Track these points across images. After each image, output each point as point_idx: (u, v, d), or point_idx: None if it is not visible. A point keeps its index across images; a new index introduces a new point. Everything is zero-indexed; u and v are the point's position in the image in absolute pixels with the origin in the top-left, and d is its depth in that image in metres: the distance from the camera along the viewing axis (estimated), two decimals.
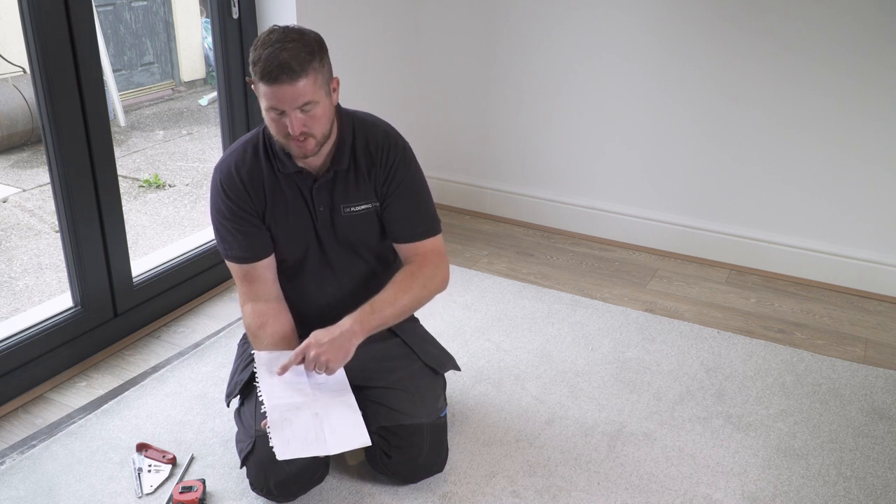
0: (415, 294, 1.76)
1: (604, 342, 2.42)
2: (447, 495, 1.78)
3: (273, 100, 1.58)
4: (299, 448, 1.58)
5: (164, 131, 5.34)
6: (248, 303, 1.81)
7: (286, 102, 1.57)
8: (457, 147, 3.42)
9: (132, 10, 5.93)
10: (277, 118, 1.61)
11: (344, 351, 1.67)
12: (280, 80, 1.55)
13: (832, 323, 2.58)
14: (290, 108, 1.58)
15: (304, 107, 1.59)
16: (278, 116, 1.60)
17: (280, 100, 1.57)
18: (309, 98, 1.59)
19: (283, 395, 1.64)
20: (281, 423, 1.59)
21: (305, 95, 1.58)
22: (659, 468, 1.87)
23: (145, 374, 2.24)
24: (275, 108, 1.59)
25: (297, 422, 1.61)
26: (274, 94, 1.57)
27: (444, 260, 1.85)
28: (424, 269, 1.79)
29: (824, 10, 2.56)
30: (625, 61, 2.94)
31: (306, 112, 1.60)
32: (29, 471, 1.84)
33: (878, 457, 1.93)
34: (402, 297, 1.75)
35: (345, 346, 1.67)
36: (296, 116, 1.59)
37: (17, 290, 3.10)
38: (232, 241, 1.77)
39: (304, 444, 1.59)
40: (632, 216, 3.13)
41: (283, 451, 1.56)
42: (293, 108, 1.58)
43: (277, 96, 1.57)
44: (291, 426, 1.60)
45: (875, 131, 2.61)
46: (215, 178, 1.78)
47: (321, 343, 1.66)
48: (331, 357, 1.65)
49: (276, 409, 1.61)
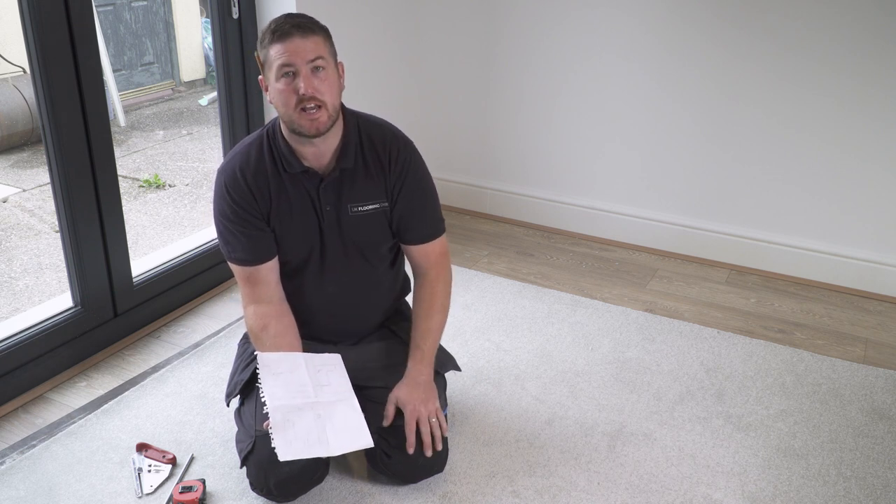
0: (442, 309, 1.88)
1: (604, 342, 2.42)
2: (447, 495, 1.78)
3: (285, 55, 1.59)
4: (301, 449, 1.58)
5: (164, 131, 5.34)
6: (251, 305, 1.81)
7: (298, 55, 1.59)
8: (457, 147, 3.42)
9: (132, 10, 5.93)
10: (288, 81, 1.61)
11: (430, 391, 1.79)
12: (292, 34, 1.58)
13: (832, 323, 2.58)
14: (303, 62, 1.59)
15: (315, 62, 1.60)
16: (290, 79, 1.60)
17: (293, 53, 1.58)
18: (319, 54, 1.61)
19: (286, 397, 1.64)
20: (283, 424, 1.59)
21: (317, 50, 1.61)
22: (659, 468, 1.87)
23: (145, 374, 2.24)
24: (287, 66, 1.59)
25: (300, 423, 1.61)
26: (286, 49, 1.58)
27: (449, 261, 1.92)
28: (439, 282, 1.88)
29: (824, 10, 2.56)
30: (625, 61, 2.94)
31: (317, 73, 1.61)
32: (29, 471, 1.84)
33: (878, 457, 1.93)
34: (436, 317, 1.86)
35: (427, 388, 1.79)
36: (307, 75, 1.60)
37: (17, 290, 3.10)
38: (235, 243, 1.77)
39: (306, 444, 1.59)
40: (632, 216, 3.13)
41: (285, 452, 1.56)
42: (305, 62, 1.59)
43: (290, 50, 1.58)
44: (294, 427, 1.60)
45: (875, 131, 2.61)
46: (219, 181, 1.77)
47: (415, 401, 1.75)
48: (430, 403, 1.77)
49: (279, 410, 1.61)
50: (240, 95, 2.72)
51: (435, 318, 1.86)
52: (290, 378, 1.68)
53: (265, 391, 1.64)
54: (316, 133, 1.65)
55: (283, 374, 1.70)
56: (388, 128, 1.82)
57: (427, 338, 1.84)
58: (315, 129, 1.64)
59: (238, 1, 2.61)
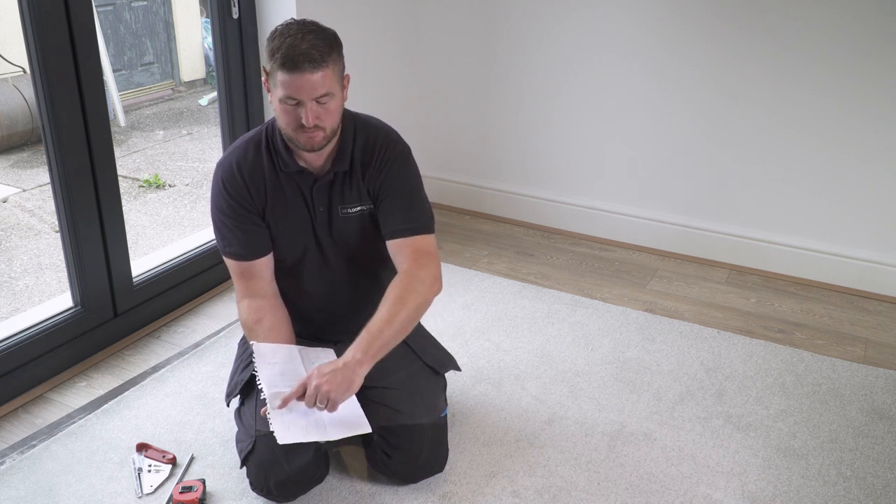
0: (411, 305, 1.67)
1: (604, 342, 2.42)
2: (447, 495, 1.78)
3: (291, 88, 1.57)
4: (299, 433, 1.58)
5: (164, 131, 5.34)
6: (245, 299, 1.81)
7: (305, 92, 1.58)
8: (457, 147, 3.42)
9: (132, 10, 5.93)
10: (292, 108, 1.60)
11: (347, 382, 1.58)
12: (302, 68, 1.55)
13: (832, 323, 2.58)
14: (308, 98, 1.58)
15: (321, 98, 1.60)
16: (293, 107, 1.60)
17: (299, 89, 1.57)
18: (327, 90, 1.59)
19: (283, 384, 1.64)
20: (281, 410, 1.60)
21: (324, 87, 1.59)
22: (659, 468, 1.87)
23: (145, 374, 2.24)
24: (292, 98, 1.59)
25: (297, 409, 1.61)
26: (293, 83, 1.57)
27: (434, 261, 1.76)
28: (415, 278, 1.70)
29: (824, 10, 2.56)
30: (625, 61, 2.94)
31: (322, 104, 1.60)
32: (29, 471, 1.84)
33: (878, 457, 1.93)
34: (400, 312, 1.65)
35: (348, 377, 1.58)
36: (311, 108, 1.59)
37: (17, 290, 3.10)
38: (231, 238, 1.77)
39: (304, 429, 1.59)
40: (632, 216, 3.13)
41: (283, 436, 1.56)
42: (311, 98, 1.58)
43: (297, 85, 1.57)
44: (291, 413, 1.60)
45: (875, 131, 2.61)
46: (217, 175, 1.78)
47: (323, 374, 1.58)
48: (332, 388, 1.56)
49: (277, 397, 1.61)
50: (240, 95, 2.72)
51: (401, 310, 1.66)
52: (285, 368, 1.69)
53: (262, 378, 1.64)
54: (311, 149, 1.67)
55: (278, 363, 1.70)
56: (383, 130, 1.81)
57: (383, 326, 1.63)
58: (311, 146, 1.66)
59: (238, 1, 2.61)
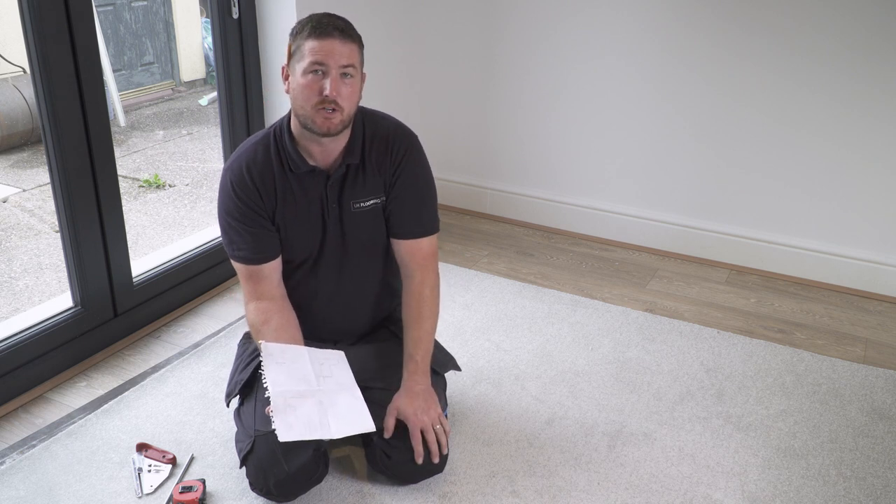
0: (431, 315, 1.84)
1: (604, 342, 2.42)
2: (447, 495, 1.78)
3: (321, 54, 1.61)
4: (302, 431, 1.57)
5: (164, 131, 5.34)
6: (252, 301, 1.81)
7: (333, 56, 1.61)
8: (457, 147, 3.42)
9: (132, 10, 5.93)
10: (316, 80, 1.62)
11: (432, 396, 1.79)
12: (332, 35, 1.61)
13: (832, 323, 2.58)
14: (335, 65, 1.61)
15: (346, 69, 1.63)
16: (318, 77, 1.62)
17: (328, 53, 1.61)
18: (353, 61, 1.64)
19: (288, 383, 1.64)
20: (284, 408, 1.59)
21: (351, 57, 1.64)
22: (659, 468, 1.87)
23: (145, 374, 2.24)
24: (319, 64, 1.61)
25: (301, 407, 1.61)
26: (323, 48, 1.61)
27: (436, 261, 1.89)
28: (425, 286, 1.84)
29: (824, 10, 2.56)
30: (625, 62, 2.94)
31: (345, 80, 1.63)
32: (29, 471, 1.84)
33: (878, 457, 1.93)
34: (426, 324, 1.83)
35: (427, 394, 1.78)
36: (335, 78, 1.62)
37: (17, 290, 3.10)
38: (240, 241, 1.77)
39: (307, 427, 1.58)
40: (632, 216, 3.13)
41: (285, 434, 1.54)
42: (337, 65, 1.62)
43: (326, 49, 1.61)
44: (295, 411, 1.60)
45: (875, 131, 2.61)
46: (225, 178, 1.77)
47: (417, 411, 1.73)
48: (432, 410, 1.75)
49: (281, 395, 1.60)
50: (240, 95, 2.72)
51: (425, 324, 1.83)
52: (292, 367, 1.68)
53: (267, 377, 1.63)
54: (326, 133, 1.66)
55: (285, 363, 1.69)
56: (392, 121, 1.83)
57: (419, 346, 1.81)
58: (327, 129, 1.66)
59: (238, 1, 2.61)
